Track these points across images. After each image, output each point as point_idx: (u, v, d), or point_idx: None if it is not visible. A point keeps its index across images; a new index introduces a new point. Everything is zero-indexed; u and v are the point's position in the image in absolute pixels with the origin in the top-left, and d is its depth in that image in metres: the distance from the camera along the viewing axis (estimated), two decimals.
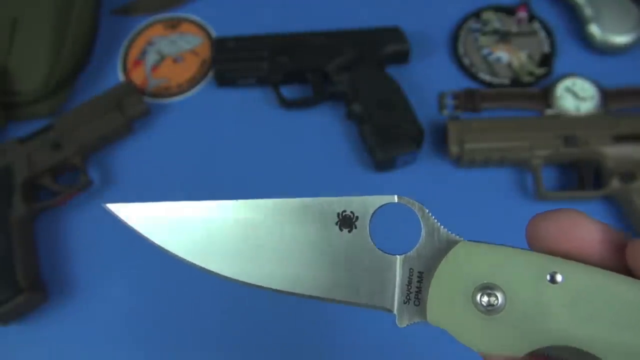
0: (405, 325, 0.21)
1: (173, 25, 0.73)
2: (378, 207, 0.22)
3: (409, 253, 0.22)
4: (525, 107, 0.65)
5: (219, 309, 0.57)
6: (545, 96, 0.65)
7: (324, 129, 0.65)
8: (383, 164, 0.61)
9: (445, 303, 0.21)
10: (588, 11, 0.67)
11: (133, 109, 0.64)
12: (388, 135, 0.60)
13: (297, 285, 0.22)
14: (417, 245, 0.22)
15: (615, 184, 0.59)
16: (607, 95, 0.64)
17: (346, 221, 0.22)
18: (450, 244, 0.21)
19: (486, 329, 0.20)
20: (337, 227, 0.22)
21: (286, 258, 0.22)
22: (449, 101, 0.66)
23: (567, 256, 0.20)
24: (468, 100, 0.65)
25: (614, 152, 0.59)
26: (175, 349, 0.56)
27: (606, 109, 0.64)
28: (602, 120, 0.62)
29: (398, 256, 0.22)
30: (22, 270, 0.55)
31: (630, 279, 0.19)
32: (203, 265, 0.23)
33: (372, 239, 0.22)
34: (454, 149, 0.61)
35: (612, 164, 0.59)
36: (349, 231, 0.22)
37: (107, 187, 0.63)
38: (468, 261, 0.21)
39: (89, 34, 0.70)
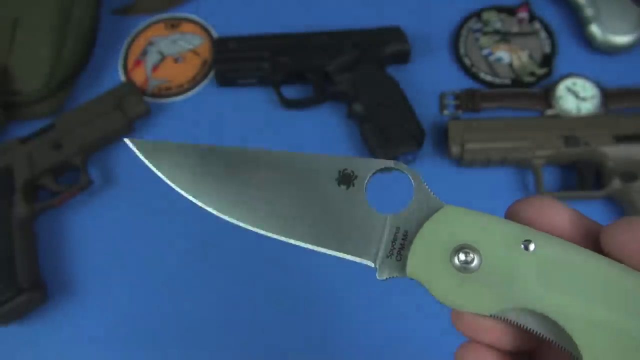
0: (384, 278, 0.23)
1: (174, 25, 0.73)
2: (377, 170, 0.24)
3: (398, 213, 0.23)
4: (526, 107, 0.65)
5: (219, 309, 0.57)
6: (546, 96, 0.65)
7: (325, 129, 0.65)
8: None
9: (424, 259, 0.22)
10: (589, 11, 0.67)
11: (133, 109, 0.64)
12: (389, 135, 0.60)
13: (288, 231, 0.24)
14: (407, 207, 0.23)
15: (616, 184, 0.59)
16: (607, 95, 0.64)
17: (345, 178, 0.24)
18: (437, 209, 0.23)
19: (459, 285, 0.21)
20: (335, 183, 0.24)
21: (283, 205, 0.24)
22: (450, 101, 0.66)
23: None
24: (469, 100, 0.65)
25: (615, 152, 0.59)
26: (175, 348, 0.56)
27: (607, 109, 0.64)
28: (603, 120, 0.62)
29: (388, 215, 0.23)
30: (23, 270, 0.55)
31: (598, 255, 0.20)
32: (204, 204, 0.25)
33: (366, 197, 0.24)
34: (454, 149, 0.61)
35: (612, 164, 0.59)
36: (347, 188, 0.24)
37: (107, 187, 0.63)
38: (451, 223, 0.22)
39: (90, 33, 0.70)
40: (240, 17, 0.72)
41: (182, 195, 0.25)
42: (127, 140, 0.26)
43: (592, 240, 0.21)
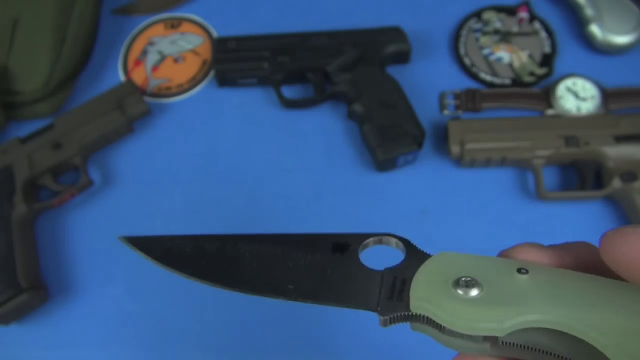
0: (388, 319, 0.23)
1: (173, 25, 0.73)
2: (368, 240, 0.26)
3: (393, 266, 0.25)
4: (526, 107, 0.65)
5: (219, 309, 0.57)
6: (546, 96, 0.65)
7: (325, 129, 0.65)
8: (384, 164, 0.61)
9: (427, 291, 0.23)
10: (589, 11, 0.67)
11: (133, 108, 0.64)
12: (389, 135, 0.60)
13: (285, 294, 0.25)
14: (402, 261, 0.25)
15: (616, 184, 0.59)
16: (607, 95, 0.64)
17: (339, 247, 0.26)
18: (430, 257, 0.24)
19: (466, 308, 0.21)
20: (330, 252, 0.26)
21: (278, 274, 0.26)
22: (450, 101, 0.66)
23: None
24: (469, 100, 0.65)
25: (615, 152, 0.59)
26: (175, 348, 0.56)
27: (607, 109, 0.64)
28: (603, 120, 0.62)
29: (383, 269, 0.25)
30: (23, 270, 0.55)
31: (586, 274, 0.22)
32: (225, 287, 0.27)
33: (361, 260, 0.25)
34: (454, 148, 0.61)
35: (612, 164, 0.59)
36: (341, 254, 0.25)
37: (107, 187, 0.63)
38: (447, 262, 0.24)
39: (90, 33, 0.70)
40: (240, 17, 0.72)
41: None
42: (121, 239, 0.28)
43: (584, 266, 0.22)
